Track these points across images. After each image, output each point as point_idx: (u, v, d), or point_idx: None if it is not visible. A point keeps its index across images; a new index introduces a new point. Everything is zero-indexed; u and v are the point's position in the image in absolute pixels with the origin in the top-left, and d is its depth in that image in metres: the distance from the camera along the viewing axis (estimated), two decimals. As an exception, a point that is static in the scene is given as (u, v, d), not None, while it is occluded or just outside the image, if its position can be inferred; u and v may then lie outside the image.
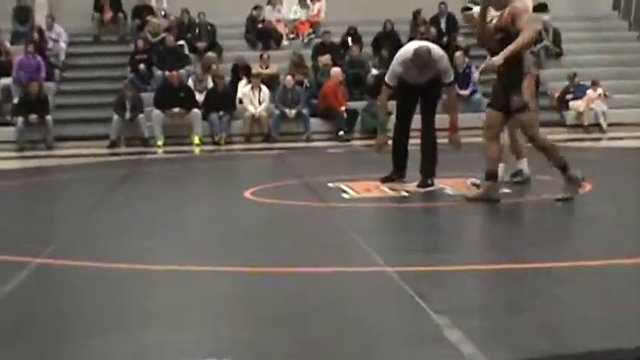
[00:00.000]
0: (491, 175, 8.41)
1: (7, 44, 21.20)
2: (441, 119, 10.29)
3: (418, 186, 9.60)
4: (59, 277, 5.78)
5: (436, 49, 9.81)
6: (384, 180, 9.84)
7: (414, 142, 10.04)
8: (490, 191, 8.40)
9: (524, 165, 9.81)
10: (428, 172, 9.72)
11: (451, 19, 22.62)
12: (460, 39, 21.67)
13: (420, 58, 9.53)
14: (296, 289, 5.26)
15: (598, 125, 19.92)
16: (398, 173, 9.99)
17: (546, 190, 9.19)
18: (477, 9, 9.38)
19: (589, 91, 20.16)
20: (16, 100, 19.44)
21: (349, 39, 21.63)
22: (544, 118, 20.26)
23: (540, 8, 24.31)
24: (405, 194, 9.21)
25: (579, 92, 20.33)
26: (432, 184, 9.61)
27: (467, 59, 20.58)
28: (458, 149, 9.93)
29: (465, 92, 20.23)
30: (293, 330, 4.33)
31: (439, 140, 9.95)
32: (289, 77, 19.68)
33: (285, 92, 19.50)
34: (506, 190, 9.15)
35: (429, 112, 10.04)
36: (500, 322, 4.36)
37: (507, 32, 8.31)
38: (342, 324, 4.42)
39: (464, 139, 10.19)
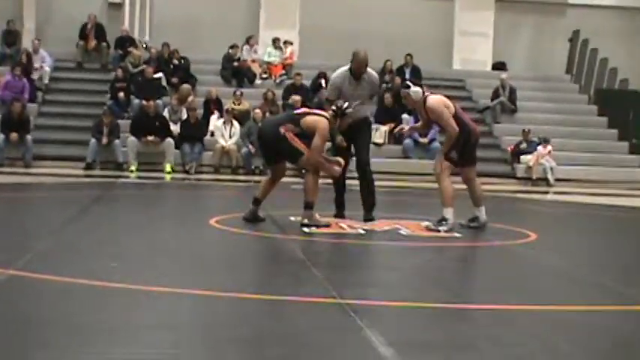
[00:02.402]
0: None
1: (-6, 65, 21.16)
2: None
3: (365, 220, 9.72)
4: (27, 290, 5.73)
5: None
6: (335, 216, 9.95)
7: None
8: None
9: (481, 212, 9.90)
10: (371, 206, 9.91)
11: (415, 70, 22.81)
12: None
13: (358, 61, 9.90)
14: (253, 313, 5.25)
15: (546, 179, 20.11)
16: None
17: (496, 237, 9.28)
18: (414, 88, 9.69)
19: (539, 147, 20.36)
20: (-2, 119, 19.32)
21: (322, 81, 21.73)
22: (497, 170, 20.57)
23: (500, 67, 24.75)
24: (362, 232, 9.23)
25: (530, 147, 20.52)
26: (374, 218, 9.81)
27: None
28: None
29: (425, 140, 20.38)
30: (249, 352, 4.32)
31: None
32: (258, 110, 19.72)
33: (255, 126, 19.51)
34: (457, 235, 9.22)
35: (364, 147, 10.23)
36: (443, 358, 4.38)
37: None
38: (294, 348, 4.43)
39: (424, 184, 10.31)
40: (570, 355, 4.53)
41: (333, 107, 9.62)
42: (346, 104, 9.58)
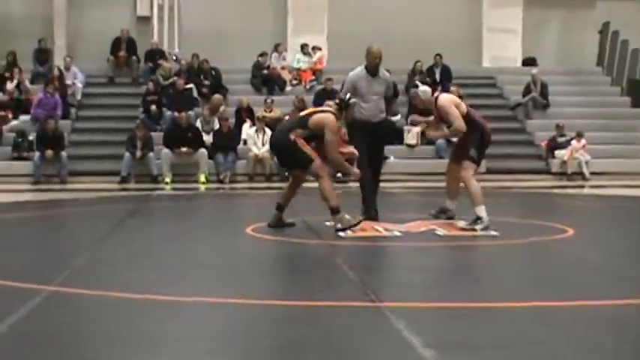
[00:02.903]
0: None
1: (27, 84, 21.33)
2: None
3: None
4: (69, 304, 5.77)
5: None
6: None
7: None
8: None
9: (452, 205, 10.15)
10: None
11: (445, 70, 22.76)
12: (453, 88, 21.73)
13: (372, 55, 10.30)
14: (292, 320, 5.25)
15: (581, 174, 19.97)
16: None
17: (534, 233, 9.24)
18: (422, 88, 9.83)
19: (573, 142, 20.23)
20: (32, 137, 19.49)
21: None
22: (531, 166, 20.47)
23: (530, 62, 24.62)
24: (398, 234, 9.21)
25: (565, 142, 20.39)
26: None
27: (459, 108, 20.66)
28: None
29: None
30: (288, 359, 4.33)
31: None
32: (288, 117, 19.71)
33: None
34: (494, 233, 9.18)
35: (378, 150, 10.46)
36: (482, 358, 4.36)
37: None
38: (333, 354, 4.42)
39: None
40: (605, 350, 4.49)
41: (337, 100, 9.72)
42: (348, 95, 9.74)
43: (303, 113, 9.91)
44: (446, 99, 9.87)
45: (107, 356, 4.39)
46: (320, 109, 9.91)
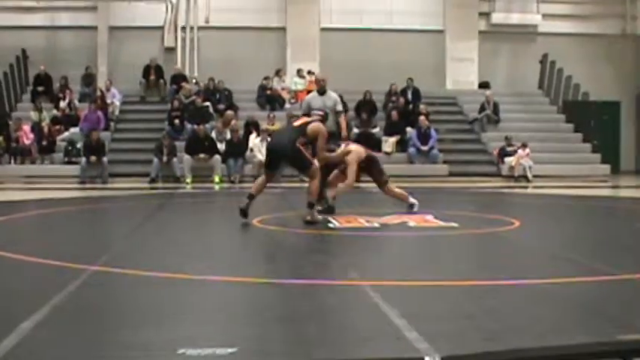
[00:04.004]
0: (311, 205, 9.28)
1: (76, 102, 21.36)
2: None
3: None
4: (110, 282, 5.77)
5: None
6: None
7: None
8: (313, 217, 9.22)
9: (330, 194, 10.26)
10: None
11: (415, 91, 22.77)
12: (422, 106, 21.79)
13: (316, 80, 11.22)
14: (291, 296, 5.26)
15: (525, 177, 20.02)
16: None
17: (486, 225, 9.25)
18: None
19: (519, 150, 20.28)
20: (79, 145, 19.51)
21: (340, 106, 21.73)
22: (485, 170, 20.51)
23: (484, 85, 24.66)
24: (377, 225, 9.21)
25: (512, 151, 20.44)
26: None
27: (427, 122, 20.71)
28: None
29: (426, 148, 20.36)
30: (288, 328, 4.33)
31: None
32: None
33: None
34: (455, 225, 9.19)
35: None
36: (447, 327, 4.37)
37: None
38: (324, 324, 4.43)
39: (426, 184, 10.30)
40: (545, 319, 4.51)
41: (321, 113, 10.00)
42: (326, 111, 10.24)
43: (298, 123, 9.84)
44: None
45: (142, 325, 4.39)
46: (310, 119, 9.88)
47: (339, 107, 11.25)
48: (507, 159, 20.40)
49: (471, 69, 24.97)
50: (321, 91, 11.20)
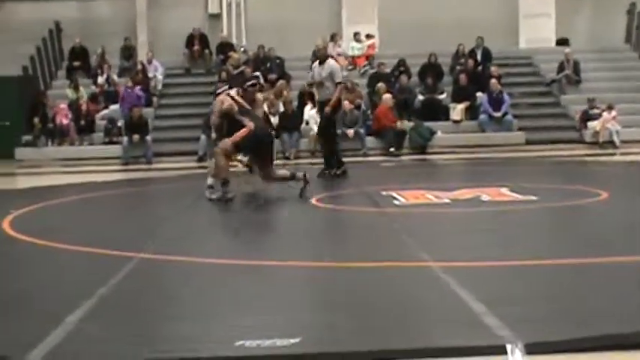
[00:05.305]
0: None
1: (115, 77, 21.61)
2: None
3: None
4: (158, 270, 5.85)
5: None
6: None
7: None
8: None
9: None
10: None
11: (486, 52, 22.52)
12: (493, 68, 21.55)
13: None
14: (356, 280, 5.27)
15: (612, 142, 19.69)
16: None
17: (571, 197, 9.13)
18: None
19: (604, 113, 19.95)
20: (120, 123, 19.77)
21: (398, 70, 21.64)
22: (566, 136, 20.22)
23: (563, 42, 24.26)
24: (447, 201, 9.18)
25: (596, 114, 20.13)
26: None
27: (499, 86, 20.48)
28: None
29: (498, 114, 20.13)
30: (355, 315, 4.34)
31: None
32: (347, 102, 19.67)
33: (345, 115, 19.50)
34: (533, 198, 9.09)
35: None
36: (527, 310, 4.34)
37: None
38: (395, 308, 4.43)
39: (500, 154, 10.21)
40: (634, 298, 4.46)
41: (254, 82, 10.63)
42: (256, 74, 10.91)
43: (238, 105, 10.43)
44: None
45: (195, 316, 4.44)
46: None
47: (337, 78, 12.20)
48: (591, 123, 20.06)
49: (548, 25, 24.55)
50: (321, 60, 12.19)
